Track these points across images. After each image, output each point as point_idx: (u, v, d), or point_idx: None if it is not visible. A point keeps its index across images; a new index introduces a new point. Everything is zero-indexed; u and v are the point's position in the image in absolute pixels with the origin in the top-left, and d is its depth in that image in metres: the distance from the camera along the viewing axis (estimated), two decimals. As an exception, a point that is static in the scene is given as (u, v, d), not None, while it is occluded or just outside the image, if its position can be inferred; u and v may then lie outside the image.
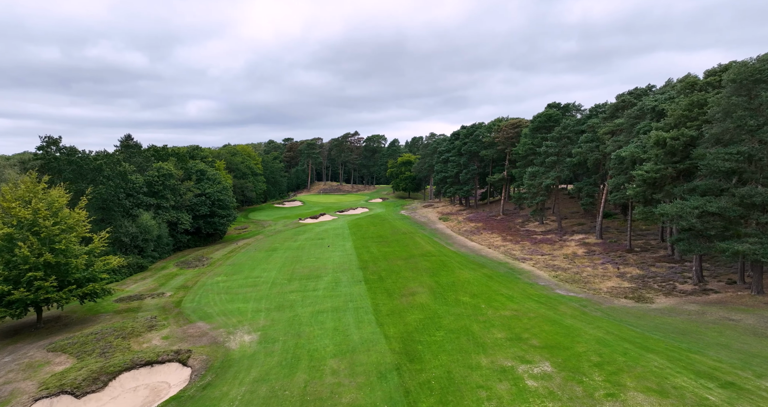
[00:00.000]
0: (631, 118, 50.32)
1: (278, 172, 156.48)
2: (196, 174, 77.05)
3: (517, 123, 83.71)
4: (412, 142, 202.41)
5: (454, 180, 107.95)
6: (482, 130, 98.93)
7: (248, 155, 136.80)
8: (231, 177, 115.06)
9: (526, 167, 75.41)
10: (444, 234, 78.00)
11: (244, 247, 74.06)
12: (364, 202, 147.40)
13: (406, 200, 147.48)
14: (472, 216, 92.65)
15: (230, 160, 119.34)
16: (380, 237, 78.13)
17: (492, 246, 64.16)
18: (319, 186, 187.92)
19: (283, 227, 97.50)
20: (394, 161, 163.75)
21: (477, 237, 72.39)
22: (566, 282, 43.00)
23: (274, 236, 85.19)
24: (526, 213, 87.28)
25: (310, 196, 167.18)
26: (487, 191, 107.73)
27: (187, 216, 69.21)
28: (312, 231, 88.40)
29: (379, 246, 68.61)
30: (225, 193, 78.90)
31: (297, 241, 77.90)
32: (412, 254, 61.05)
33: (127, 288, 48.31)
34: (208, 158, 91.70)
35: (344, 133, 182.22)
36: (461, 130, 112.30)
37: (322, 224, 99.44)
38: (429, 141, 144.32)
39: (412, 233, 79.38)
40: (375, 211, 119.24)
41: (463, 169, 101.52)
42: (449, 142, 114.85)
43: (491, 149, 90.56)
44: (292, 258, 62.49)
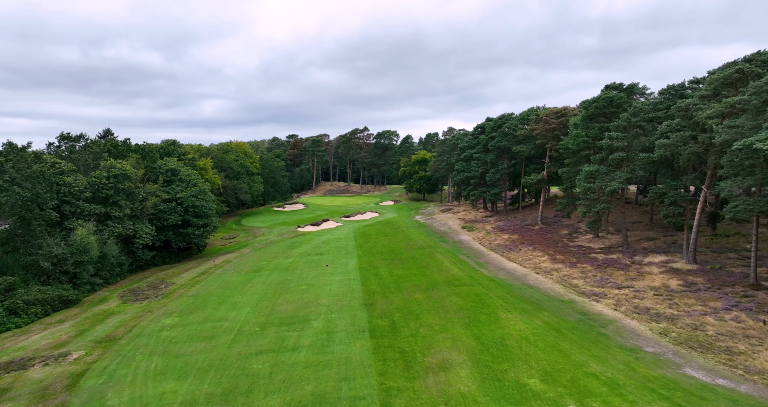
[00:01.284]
0: (763, 92, 34.20)
1: (278, 171, 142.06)
2: (165, 174, 62.70)
3: (561, 111, 67.67)
4: (426, 139, 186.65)
5: (479, 181, 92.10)
6: (514, 121, 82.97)
7: (244, 153, 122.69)
8: (220, 177, 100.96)
9: (577, 165, 59.42)
10: (472, 250, 62.45)
11: (222, 266, 59.43)
12: (374, 204, 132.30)
13: (421, 203, 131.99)
14: (503, 225, 76.85)
15: (221, 157, 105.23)
16: (392, 252, 62.95)
17: (540, 270, 48.45)
18: (325, 186, 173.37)
19: (278, 237, 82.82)
20: (407, 159, 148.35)
21: (516, 256, 56.68)
22: (689, 347, 27.15)
23: (264, 249, 70.50)
24: (571, 221, 71.22)
25: (314, 197, 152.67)
26: (518, 194, 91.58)
27: (149, 227, 54.83)
28: (310, 243, 73.56)
29: (391, 267, 53.43)
30: (203, 198, 64.51)
31: (289, 257, 63.06)
32: (435, 281, 45.78)
33: (20, 341, 33.64)
34: (188, 155, 77.49)
35: (352, 129, 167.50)
36: (487, 123, 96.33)
37: (324, 233, 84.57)
38: (447, 137, 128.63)
39: (432, 247, 64.01)
40: (386, 216, 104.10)
41: (491, 167, 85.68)
42: (473, 137, 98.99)
43: (527, 144, 74.62)
44: (277, 286, 47.62)
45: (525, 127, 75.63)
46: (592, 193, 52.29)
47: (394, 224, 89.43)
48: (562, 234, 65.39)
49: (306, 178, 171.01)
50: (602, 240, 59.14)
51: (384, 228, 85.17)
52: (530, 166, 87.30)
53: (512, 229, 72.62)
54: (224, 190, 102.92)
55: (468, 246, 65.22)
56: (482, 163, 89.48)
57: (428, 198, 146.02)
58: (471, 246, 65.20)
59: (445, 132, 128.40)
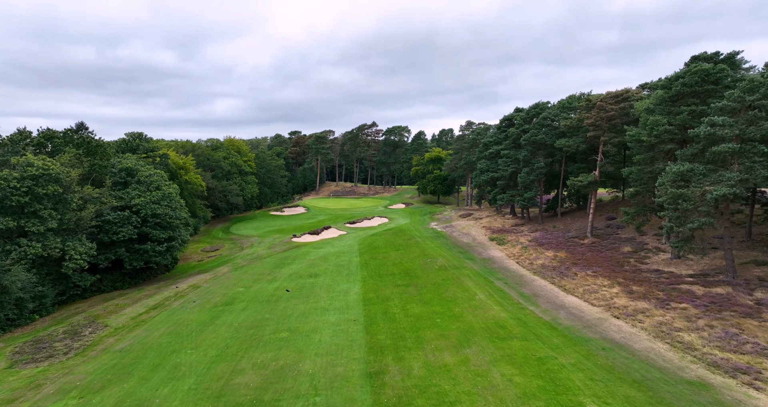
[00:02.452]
0: None
1: (276, 170, 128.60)
2: (118, 175, 49.44)
3: (622, 94, 52.96)
4: (440, 136, 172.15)
5: (507, 182, 77.66)
6: (552, 109, 68.42)
7: (237, 150, 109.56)
8: (207, 177, 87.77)
9: (653, 163, 44.87)
10: (509, 273, 48.28)
11: (185, 294, 45.92)
12: (383, 208, 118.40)
13: (436, 206, 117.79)
14: (542, 238, 62.44)
15: (208, 155, 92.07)
16: (405, 274, 49.10)
17: (619, 312, 34.13)
18: (330, 187, 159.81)
19: (267, 249, 69.27)
20: (419, 158, 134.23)
21: (572, 284, 42.38)
22: None
23: (246, 268, 56.98)
24: (630, 234, 56.60)
25: (317, 199, 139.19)
26: (556, 198, 76.87)
27: (87, 244, 41.52)
28: (304, 259, 59.91)
29: (406, 300, 39.51)
30: (168, 204, 51.17)
31: (275, 281, 49.48)
32: (470, 328, 31.84)
33: None
34: (159, 151, 64.18)
35: (359, 125, 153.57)
36: (515, 114, 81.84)
37: (323, 244, 70.88)
38: (465, 132, 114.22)
39: (456, 268, 50.01)
40: (396, 223, 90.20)
41: (523, 166, 71.24)
42: (499, 131, 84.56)
43: (573, 137, 60.03)
44: (247, 332, 33.96)
45: (570, 116, 61.02)
46: (685, 202, 37.75)
47: (407, 233, 75.52)
48: (625, 252, 50.81)
49: (309, 178, 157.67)
50: (686, 263, 44.53)
51: (395, 238, 71.31)
52: (571, 164, 72.63)
53: (555, 243, 58.19)
54: (211, 193, 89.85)
55: (503, 267, 51.01)
56: (512, 161, 75.05)
57: (443, 200, 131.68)
58: (507, 267, 50.98)
59: (463, 126, 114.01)
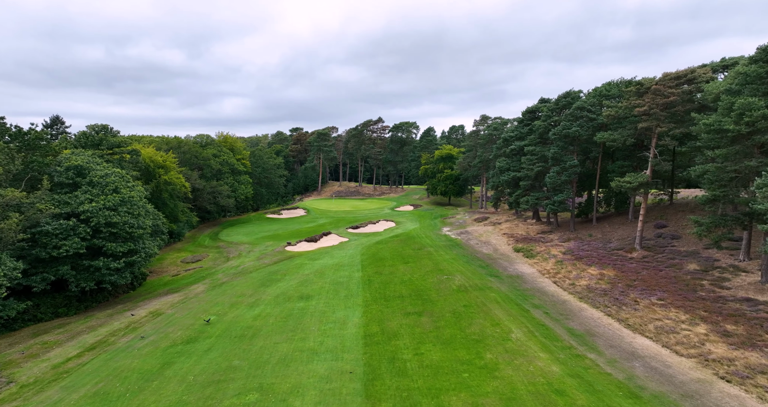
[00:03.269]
0: None
1: (274, 169, 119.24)
2: (64, 174, 40.32)
3: (686, 75, 42.80)
4: (450, 132, 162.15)
5: (532, 183, 67.74)
6: (588, 98, 58.38)
7: (230, 147, 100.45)
8: (194, 177, 78.69)
9: (739, 160, 34.85)
10: (547, 297, 38.50)
11: (140, 325, 36.63)
12: (389, 210, 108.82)
13: (447, 208, 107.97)
14: (578, 249, 52.55)
15: (195, 152, 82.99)
16: (417, 296, 39.57)
17: (723, 369, 24.33)
18: (333, 187, 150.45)
19: (256, 261, 59.95)
20: (429, 155, 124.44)
21: (635, 317, 32.54)
22: None
23: (226, 286, 47.69)
24: (690, 246, 46.52)
25: (319, 200, 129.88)
26: (591, 202, 66.57)
27: (7, 263, 32.33)
28: (297, 274, 50.54)
29: (420, 338, 29.88)
30: (128, 211, 42.02)
31: (256, 305, 40.11)
32: (514, 392, 22.24)
33: None
34: (128, 146, 55.01)
35: (364, 121, 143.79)
36: (541, 105, 71.90)
37: (321, 255, 61.47)
38: (479, 127, 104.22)
39: (480, 289, 40.36)
40: (404, 227, 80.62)
41: (553, 165, 61.31)
42: (522, 124, 74.63)
43: (620, 129, 49.99)
44: (202, 392, 24.55)
45: (616, 103, 50.93)
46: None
47: (417, 241, 65.92)
48: (691, 270, 40.77)
49: (310, 178, 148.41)
50: (781, 289, 34.50)
51: (403, 247, 61.76)
52: (608, 161, 62.56)
53: (597, 257, 48.26)
54: (199, 194, 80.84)
55: (537, 289, 41.23)
56: (538, 159, 65.12)
57: (455, 202, 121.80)
58: (542, 289, 41.19)
59: (477, 121, 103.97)
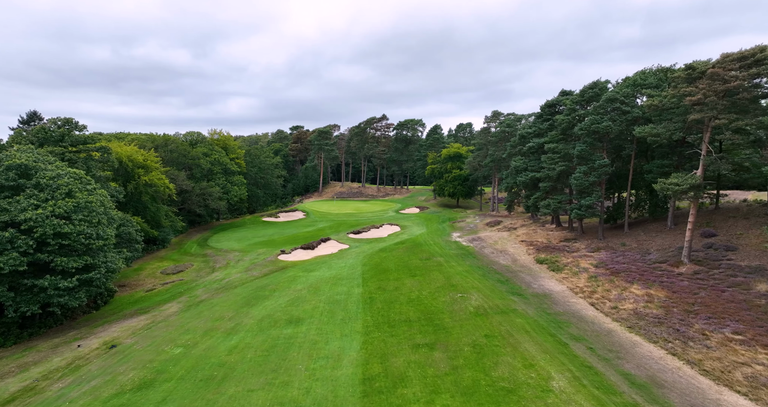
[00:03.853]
0: None
1: (271, 169, 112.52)
2: (3, 175, 33.80)
3: (753, 54, 35.60)
4: (457, 130, 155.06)
5: (553, 185, 60.71)
6: (621, 88, 51.23)
7: (224, 146, 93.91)
8: (181, 177, 72.24)
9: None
10: (588, 326, 31.54)
11: (87, 363, 29.96)
12: (394, 213, 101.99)
13: (455, 211, 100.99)
14: (611, 260, 45.49)
15: (183, 151, 76.48)
16: (428, 321, 32.75)
17: None
18: (335, 188, 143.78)
19: (244, 273, 53.26)
20: (436, 154, 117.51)
21: (711, 359, 25.52)
22: None
23: (204, 305, 41.01)
24: (748, 259, 39.34)
25: (319, 202, 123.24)
26: (621, 206, 59.12)
27: None
28: (287, 291, 43.78)
29: (433, 390, 22.97)
30: (86, 218, 35.52)
31: (235, 332, 33.38)
32: None
33: None
34: (96, 143, 48.40)
35: (368, 118, 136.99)
36: (562, 98, 64.86)
37: (317, 265, 54.71)
38: (490, 124, 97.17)
39: (503, 313, 33.47)
40: (410, 232, 73.76)
41: (579, 164, 54.25)
42: (541, 120, 67.55)
43: (665, 122, 42.85)
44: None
45: (657, 93, 43.75)
46: None
47: (424, 249, 59.09)
48: (763, 291, 33.62)
49: (311, 178, 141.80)
50: None
51: (409, 256, 54.94)
52: (644, 160, 55.42)
53: (637, 272, 41.15)
54: (187, 196, 74.33)
55: (572, 313, 34.25)
56: (561, 158, 58.07)
57: (463, 204, 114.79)
58: (578, 313, 34.21)
59: (489, 117, 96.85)
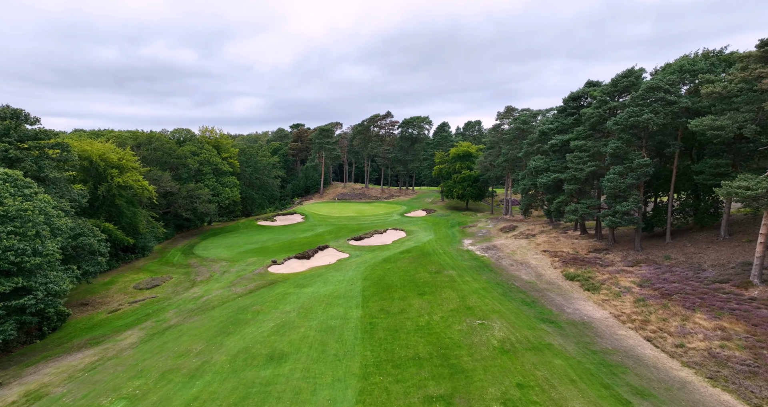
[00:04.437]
0: None
1: (267, 170, 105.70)
2: None
3: None
4: (465, 128, 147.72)
5: (581, 187, 53.44)
6: (664, 76, 43.80)
7: (215, 144, 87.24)
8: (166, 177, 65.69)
9: None
10: (651, 373, 24.33)
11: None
12: (399, 216, 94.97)
13: (465, 214, 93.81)
14: (655, 277, 38.20)
15: (169, 149, 69.78)
16: (443, 362, 25.65)
17: None
18: (337, 189, 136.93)
19: (226, 289, 46.39)
20: (444, 154, 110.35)
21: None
22: None
23: (170, 334, 34.20)
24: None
25: (320, 204, 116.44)
26: (660, 211, 51.44)
27: None
28: (273, 314, 36.83)
29: None
30: (18, 230, 28.86)
31: (199, 377, 26.48)
32: None
33: None
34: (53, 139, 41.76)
35: (371, 116, 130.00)
36: (589, 90, 57.55)
37: (311, 280, 47.76)
38: (503, 120, 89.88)
39: (536, 350, 26.32)
40: (417, 238, 66.71)
41: (613, 163, 46.91)
42: (564, 114, 60.28)
43: (731, 112, 35.52)
44: None
45: (716, 78, 36.34)
46: None
47: (434, 259, 52.05)
48: None
49: (312, 179, 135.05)
50: None
51: (416, 268, 47.93)
52: (689, 159, 48.06)
53: (693, 293, 33.86)
54: (173, 199, 67.64)
55: (624, 351, 27.06)
56: (590, 156, 50.82)
57: (473, 206, 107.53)
58: (633, 352, 27.01)
59: (501, 113, 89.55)
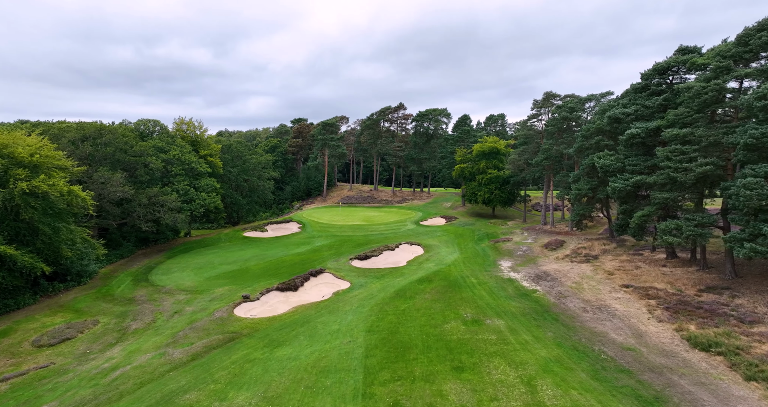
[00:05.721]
0: None
1: (256, 170, 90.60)
2: None
3: None
4: (486, 123, 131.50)
5: (680, 195, 37.45)
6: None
7: (193, 140, 72.82)
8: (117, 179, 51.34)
9: None
10: None
11: None
12: (414, 225, 79.53)
13: (492, 223, 77.99)
14: None
15: (124, 145, 55.22)
16: None
17: None
18: (342, 191, 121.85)
19: (158, 352, 31.16)
20: (466, 151, 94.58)
21: None
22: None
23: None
24: None
25: (322, 210, 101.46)
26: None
27: None
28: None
29: None
30: None
31: None
32: None
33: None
34: None
35: (381, 108, 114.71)
36: (689, 57, 41.59)
37: (289, 332, 32.33)
38: (540, 110, 73.91)
39: None
40: (438, 258, 51.15)
41: (754, 158, 30.85)
42: (645, 95, 44.23)
43: None
44: None
45: None
46: None
47: (466, 295, 36.48)
48: None
49: (314, 180, 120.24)
50: None
51: (444, 312, 32.45)
52: None
53: None
54: (129, 207, 53.11)
55: None
56: (701, 150, 34.86)
57: (500, 212, 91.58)
58: None
59: (539, 101, 73.61)
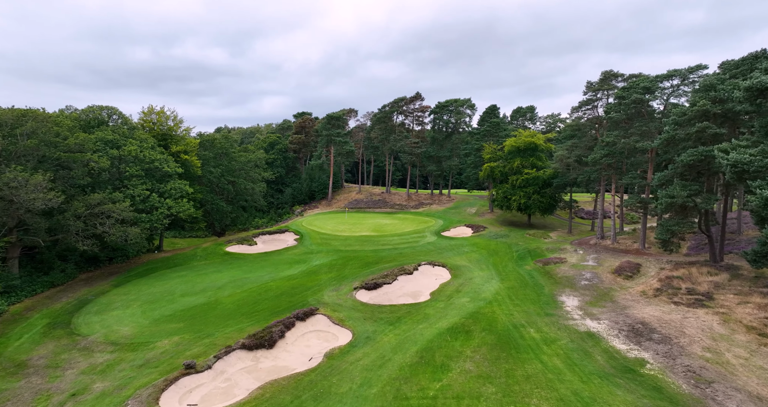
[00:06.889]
0: None
1: (244, 171, 76.83)
2: None
3: None
4: (513, 117, 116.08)
5: None
6: None
7: (163, 134, 59.69)
8: (41, 181, 38.00)
9: None
10: None
11: None
12: (434, 237, 65.21)
13: (530, 234, 63.30)
14: None
15: (54, 138, 42.16)
16: None
17: None
18: (350, 194, 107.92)
19: None
20: (496, 147, 79.90)
21: None
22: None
23: None
24: None
25: (326, 216, 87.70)
26: None
27: None
28: None
29: None
30: None
31: None
32: None
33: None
34: None
35: (395, 99, 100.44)
36: None
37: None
38: (596, 94, 59.01)
39: None
40: (472, 289, 36.72)
41: None
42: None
43: None
44: None
45: None
46: None
47: (532, 369, 22.28)
48: None
49: (319, 181, 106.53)
50: None
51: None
52: None
53: None
54: (62, 221, 40.04)
55: None
56: None
57: (537, 220, 76.72)
58: None
59: (594, 84, 58.85)
